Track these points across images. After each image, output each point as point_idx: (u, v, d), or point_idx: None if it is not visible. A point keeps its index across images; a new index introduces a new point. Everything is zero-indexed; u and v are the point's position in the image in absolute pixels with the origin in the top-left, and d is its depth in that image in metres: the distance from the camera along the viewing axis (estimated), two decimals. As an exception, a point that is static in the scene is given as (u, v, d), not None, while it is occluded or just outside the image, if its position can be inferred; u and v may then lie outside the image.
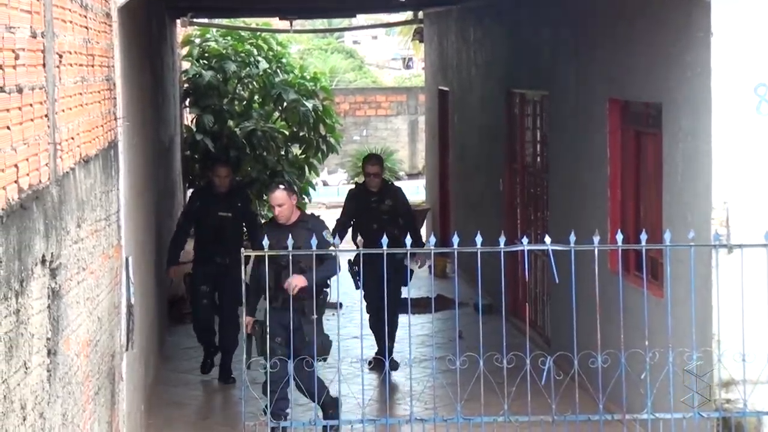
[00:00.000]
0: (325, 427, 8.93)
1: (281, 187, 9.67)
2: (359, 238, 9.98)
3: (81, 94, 6.41)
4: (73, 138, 6.07)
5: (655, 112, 9.45)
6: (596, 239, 8.11)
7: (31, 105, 5.08)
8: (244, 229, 11.90)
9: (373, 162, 12.22)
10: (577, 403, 8.19)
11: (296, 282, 8.93)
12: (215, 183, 11.48)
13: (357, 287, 11.30)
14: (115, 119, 7.83)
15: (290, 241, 8.02)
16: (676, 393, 8.16)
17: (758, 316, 8.09)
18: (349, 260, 11.59)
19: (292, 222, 9.47)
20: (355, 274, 11.51)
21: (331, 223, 10.96)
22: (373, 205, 11.79)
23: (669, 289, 8.46)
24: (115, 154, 7.80)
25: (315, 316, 9.05)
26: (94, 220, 6.74)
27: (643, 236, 8.22)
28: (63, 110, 5.83)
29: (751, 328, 8.07)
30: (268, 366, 8.16)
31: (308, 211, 10.55)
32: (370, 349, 10.07)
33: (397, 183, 30.01)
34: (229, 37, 17.68)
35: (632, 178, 10.20)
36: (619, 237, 8.29)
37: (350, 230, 11.87)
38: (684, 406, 8.23)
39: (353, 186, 12.54)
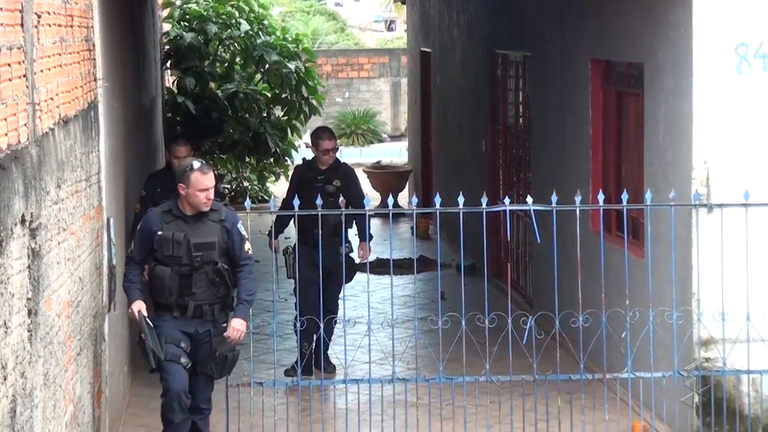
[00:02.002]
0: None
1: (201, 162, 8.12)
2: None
3: (60, 54, 6.39)
4: (52, 98, 6.05)
5: (637, 72, 9.47)
6: (578, 199, 8.14)
7: (9, 65, 5.06)
8: None
9: (329, 136, 10.68)
10: (558, 363, 8.25)
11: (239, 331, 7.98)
12: (175, 165, 9.57)
13: (288, 276, 10.00)
14: (95, 80, 7.80)
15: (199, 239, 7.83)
16: (656, 352, 8.22)
17: (737, 276, 8.13)
18: (287, 247, 10.27)
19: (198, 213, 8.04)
20: (290, 261, 10.01)
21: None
22: (318, 185, 10.19)
23: (650, 248, 8.50)
24: (95, 116, 7.78)
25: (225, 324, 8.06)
26: (75, 180, 6.74)
27: (625, 196, 8.25)
28: (42, 71, 5.81)
29: (731, 287, 8.13)
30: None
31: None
32: (352, 310, 10.05)
33: (380, 144, 30.08)
34: (210, -1, 17.61)
35: (614, 138, 10.23)
36: (601, 197, 8.34)
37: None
38: (664, 365, 8.29)
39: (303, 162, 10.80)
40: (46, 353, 5.68)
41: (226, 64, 17.35)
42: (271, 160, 18.09)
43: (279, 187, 18.41)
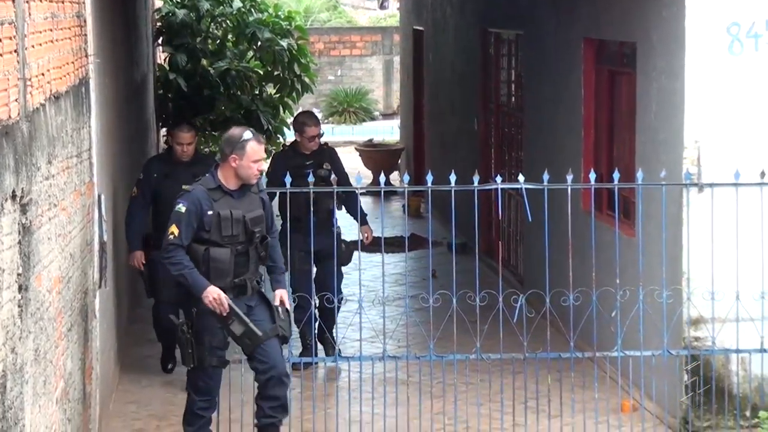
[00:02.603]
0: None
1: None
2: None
3: (51, 30, 6.37)
4: (43, 74, 6.03)
5: (630, 51, 9.47)
6: (569, 178, 8.16)
7: (0, 40, 5.05)
8: None
9: (315, 122, 10.39)
10: (549, 341, 8.28)
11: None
12: (177, 151, 9.53)
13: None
14: (86, 56, 7.78)
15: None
16: (646, 331, 8.25)
17: (727, 256, 8.17)
18: None
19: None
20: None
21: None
22: (308, 171, 9.57)
23: (640, 227, 8.52)
24: (87, 92, 7.76)
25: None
26: (66, 156, 6.73)
27: (616, 175, 8.28)
28: (33, 46, 5.79)
29: (721, 267, 8.16)
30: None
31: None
32: (343, 288, 10.07)
33: (372, 123, 30.06)
34: (202, -24, 17.56)
35: (606, 117, 10.24)
36: (592, 176, 8.35)
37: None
38: (654, 344, 8.33)
39: (282, 149, 10.50)
40: (36, 329, 5.69)
41: (218, 41, 17.29)
42: (263, 136, 18.06)
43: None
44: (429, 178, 8.18)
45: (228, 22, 17.37)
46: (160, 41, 16.87)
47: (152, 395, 9.31)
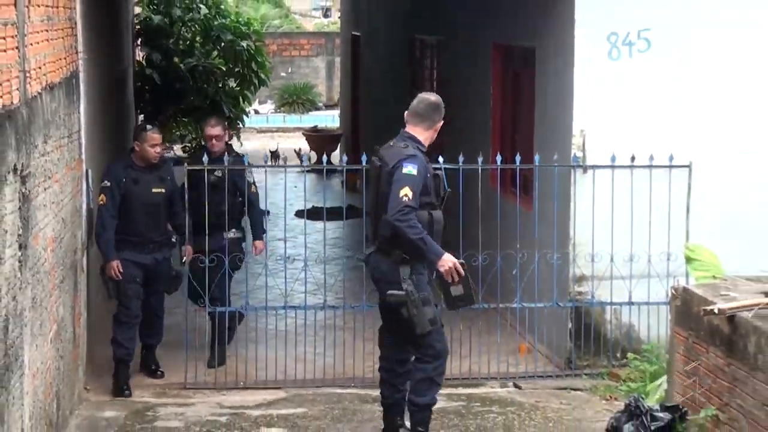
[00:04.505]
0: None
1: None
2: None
3: (47, 30, 6.34)
4: (40, 67, 6.01)
5: (530, 54, 9.53)
6: (480, 160, 8.22)
7: (4, 38, 5.03)
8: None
9: (213, 123, 9.04)
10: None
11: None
12: (149, 154, 8.02)
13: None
14: (76, 53, 7.73)
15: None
16: (540, 287, 8.35)
17: (605, 225, 8.26)
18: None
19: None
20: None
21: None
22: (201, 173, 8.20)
23: (536, 202, 8.59)
24: (76, 83, 7.71)
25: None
26: (59, 137, 6.70)
27: (518, 158, 8.35)
28: (32, 44, 5.76)
29: (600, 234, 8.26)
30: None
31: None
32: (291, 248, 10.09)
33: (317, 112, 29.85)
34: (175, -14, 17.44)
35: (510, 110, 10.30)
36: (498, 159, 8.42)
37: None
38: (546, 298, 8.43)
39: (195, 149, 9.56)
40: (34, 281, 5.69)
41: (188, 42, 17.18)
42: (226, 123, 17.98)
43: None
44: (363, 158, 8.21)
45: (196, 26, 17.29)
46: (139, 42, 16.74)
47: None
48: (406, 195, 6.14)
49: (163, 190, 8.08)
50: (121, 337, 8.01)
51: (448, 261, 6.24)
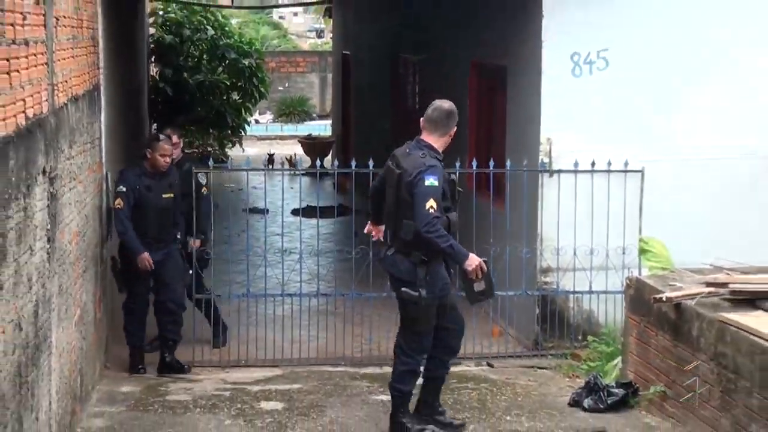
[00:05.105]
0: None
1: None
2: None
3: (72, 48, 6.35)
4: (66, 81, 6.02)
5: (503, 72, 9.55)
6: (458, 164, 8.24)
7: (35, 55, 5.05)
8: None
9: (169, 133, 8.45)
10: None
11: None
12: (160, 162, 7.83)
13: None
14: (98, 68, 7.74)
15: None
16: (511, 277, 8.37)
17: (569, 223, 8.29)
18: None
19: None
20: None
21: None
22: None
23: (508, 202, 8.60)
24: (98, 95, 7.73)
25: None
26: (82, 143, 6.71)
27: (491, 163, 8.38)
28: (59, 60, 5.78)
29: (564, 231, 8.29)
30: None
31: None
32: (288, 243, 10.08)
33: (311, 122, 29.82)
34: (185, 10, 17.45)
35: (486, 120, 10.31)
36: (474, 164, 8.44)
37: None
38: (516, 286, 8.45)
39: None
40: (60, 270, 5.70)
41: (196, 60, 17.22)
42: (229, 131, 18.02)
43: (235, 152, 18.33)
44: (353, 163, 8.25)
45: (204, 45, 17.33)
46: (153, 59, 16.74)
47: (151, 320, 9.02)
48: (431, 207, 5.93)
49: (172, 195, 7.99)
50: (131, 326, 7.94)
51: (474, 261, 6.07)
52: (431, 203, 5.91)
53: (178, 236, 8.22)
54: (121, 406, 6.91)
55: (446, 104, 6.37)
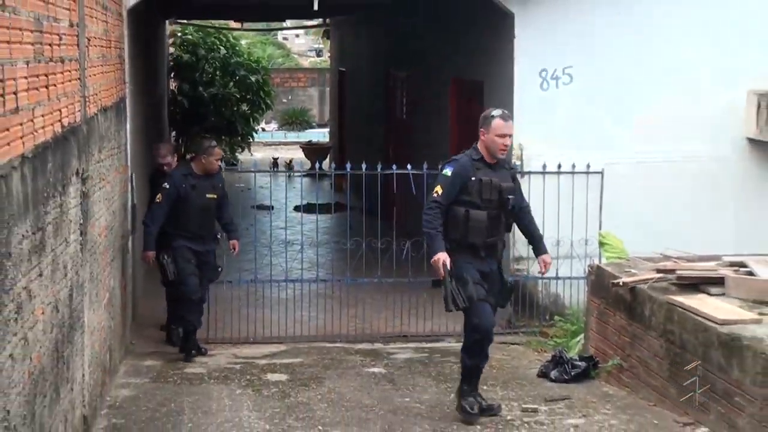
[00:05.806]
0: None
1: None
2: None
3: (102, 65, 6.35)
4: (96, 94, 6.02)
5: (480, 87, 9.59)
6: (440, 167, 8.23)
7: (69, 71, 5.05)
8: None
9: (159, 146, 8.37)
10: (426, 271, 8.37)
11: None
12: (213, 165, 7.58)
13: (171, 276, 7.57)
14: (124, 83, 7.74)
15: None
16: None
17: (538, 217, 8.19)
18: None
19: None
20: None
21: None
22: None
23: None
24: (124, 106, 7.72)
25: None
26: (110, 148, 6.71)
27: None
28: (90, 75, 5.78)
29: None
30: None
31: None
32: (291, 235, 10.07)
33: (311, 130, 29.83)
34: (200, 32, 17.45)
35: (465, 129, 10.33)
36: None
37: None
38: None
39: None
40: (91, 259, 5.70)
41: (210, 75, 17.22)
42: (239, 138, 18.05)
43: (244, 156, 18.32)
44: (348, 166, 8.26)
45: (217, 63, 17.32)
46: (172, 75, 16.75)
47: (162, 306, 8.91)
48: (436, 192, 5.65)
49: (215, 196, 7.60)
50: (185, 312, 7.53)
51: (436, 259, 5.56)
52: (437, 189, 5.67)
53: (218, 236, 7.83)
54: (144, 378, 6.92)
55: (484, 111, 5.98)
